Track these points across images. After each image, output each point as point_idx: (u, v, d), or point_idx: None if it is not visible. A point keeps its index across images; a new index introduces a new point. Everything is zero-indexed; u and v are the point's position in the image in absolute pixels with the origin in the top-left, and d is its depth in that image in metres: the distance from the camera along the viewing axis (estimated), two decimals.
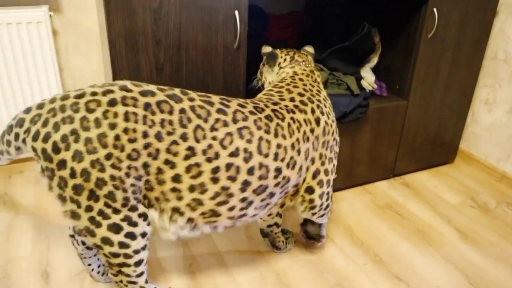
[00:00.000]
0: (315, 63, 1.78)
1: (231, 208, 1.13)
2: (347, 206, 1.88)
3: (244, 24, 1.42)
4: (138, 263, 1.09)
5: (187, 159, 1.02)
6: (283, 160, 1.15)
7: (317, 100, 1.29)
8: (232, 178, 1.08)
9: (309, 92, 1.30)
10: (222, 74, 1.47)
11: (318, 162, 1.28)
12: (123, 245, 1.04)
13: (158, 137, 0.99)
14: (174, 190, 1.05)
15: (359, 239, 1.67)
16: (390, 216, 1.83)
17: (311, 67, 1.44)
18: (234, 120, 1.08)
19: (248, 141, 1.09)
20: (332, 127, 1.31)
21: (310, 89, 1.32)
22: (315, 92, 1.32)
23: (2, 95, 1.84)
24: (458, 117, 2.13)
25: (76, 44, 1.97)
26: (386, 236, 1.70)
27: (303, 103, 1.25)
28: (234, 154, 1.07)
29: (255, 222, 1.72)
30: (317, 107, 1.27)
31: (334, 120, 1.34)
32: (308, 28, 2.14)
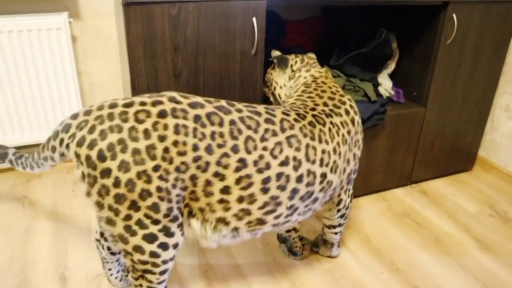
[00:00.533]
0: (332, 69, 1.77)
1: (278, 216, 1.13)
2: (363, 213, 1.86)
3: (261, 31, 1.42)
4: (163, 272, 1.08)
5: (238, 171, 1.01)
6: (327, 165, 1.16)
7: (347, 99, 1.30)
8: (281, 187, 1.08)
9: (337, 94, 1.31)
10: (239, 80, 1.47)
11: (352, 163, 1.29)
12: (154, 254, 1.03)
13: (209, 150, 0.98)
14: (221, 201, 1.04)
15: (376, 247, 1.65)
16: (407, 224, 1.80)
17: (325, 68, 1.45)
18: (282, 129, 1.08)
19: (297, 149, 1.09)
20: (361, 126, 1.32)
21: (336, 91, 1.32)
22: (342, 91, 1.34)
23: (23, 99, 1.87)
24: (477, 124, 2.09)
25: (94, 50, 1.99)
26: (403, 245, 1.67)
27: (336, 106, 1.26)
28: (284, 163, 1.07)
29: None
30: (350, 107, 1.28)
31: (360, 118, 1.36)
32: (325, 34, 2.14)
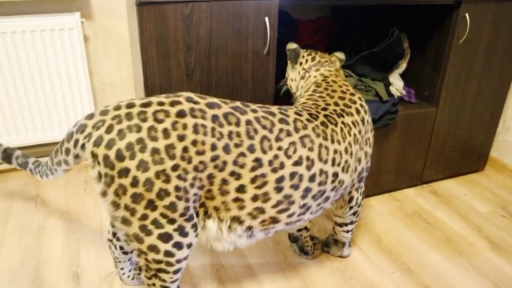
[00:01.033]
0: (344, 69, 1.77)
1: (291, 215, 1.14)
2: (374, 213, 1.85)
3: (274, 30, 1.42)
4: (177, 271, 1.09)
5: (253, 170, 1.02)
6: (339, 164, 1.17)
7: (358, 98, 1.30)
8: (295, 186, 1.09)
9: (348, 93, 1.31)
10: (252, 79, 1.48)
11: (363, 161, 1.29)
12: (168, 253, 1.03)
13: (226, 149, 0.99)
14: (237, 200, 1.05)
15: (387, 247, 1.65)
16: (418, 224, 1.79)
17: (336, 66, 1.44)
18: (295, 129, 1.09)
19: (310, 149, 1.10)
20: (371, 125, 1.32)
21: (347, 89, 1.33)
22: (352, 90, 1.33)
23: (36, 98, 1.89)
24: (489, 124, 2.08)
25: (106, 50, 2.01)
26: (415, 245, 1.67)
27: (347, 106, 1.26)
28: (298, 163, 1.08)
29: None
30: (360, 106, 1.28)
31: (370, 116, 1.36)
32: (336, 34, 2.13)
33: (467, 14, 1.70)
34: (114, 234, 1.29)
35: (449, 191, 2.06)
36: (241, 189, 1.03)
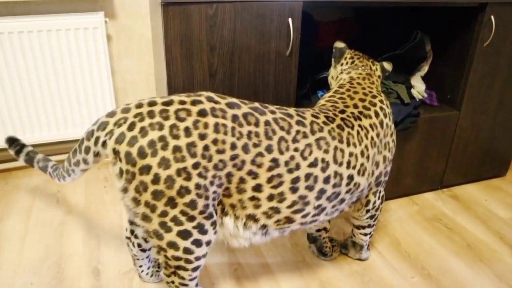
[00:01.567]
0: None
1: (305, 215, 1.15)
2: (393, 216, 1.84)
3: (297, 32, 1.42)
4: (196, 269, 1.10)
5: (270, 170, 1.04)
6: (354, 167, 1.18)
7: (379, 101, 1.30)
8: (310, 187, 1.10)
9: (369, 95, 1.30)
10: (274, 80, 1.48)
11: (381, 166, 1.28)
12: (187, 251, 1.05)
13: (245, 149, 1.01)
14: (253, 198, 1.07)
15: (406, 251, 1.63)
16: (438, 229, 1.77)
17: (368, 71, 1.43)
18: (312, 131, 1.11)
19: (325, 151, 1.11)
20: (391, 129, 1.31)
21: (369, 91, 1.32)
22: (375, 92, 1.33)
23: (59, 96, 1.92)
24: None
25: (128, 49, 2.03)
26: (435, 250, 1.65)
27: (366, 108, 1.26)
28: (313, 164, 1.09)
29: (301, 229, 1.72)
30: (380, 109, 1.28)
31: (393, 121, 1.35)
32: (357, 35, 2.12)
33: (492, 17, 1.67)
34: (132, 232, 1.31)
35: (470, 196, 2.03)
36: (257, 188, 1.05)
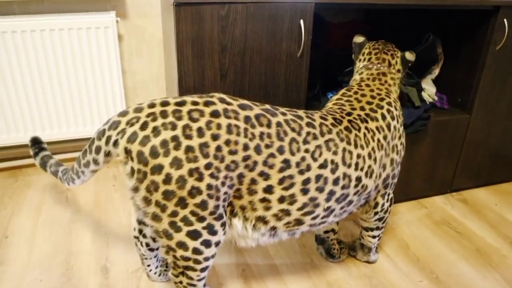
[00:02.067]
0: None
1: (315, 217, 1.15)
2: (402, 220, 1.83)
3: (308, 33, 1.42)
4: (204, 269, 1.10)
5: (282, 171, 1.04)
6: (362, 169, 1.18)
7: (386, 103, 1.29)
8: (320, 189, 1.11)
9: (377, 97, 1.29)
10: (284, 82, 1.48)
11: (389, 168, 1.28)
12: (196, 251, 1.05)
13: (257, 150, 1.01)
14: (263, 200, 1.07)
15: (415, 255, 1.62)
16: (447, 233, 1.76)
17: (383, 70, 1.40)
18: (321, 133, 1.11)
19: (334, 152, 1.12)
20: (399, 131, 1.30)
21: (378, 93, 1.31)
22: (384, 95, 1.31)
23: (70, 94, 1.93)
24: None
25: (138, 49, 2.04)
26: (443, 254, 1.64)
27: (373, 111, 1.25)
28: (323, 166, 1.10)
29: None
30: (387, 111, 1.27)
31: (402, 123, 1.33)
32: (368, 37, 2.11)
33: (505, 20, 1.66)
34: (141, 231, 1.31)
35: (479, 200, 2.01)
36: (268, 189, 1.05)
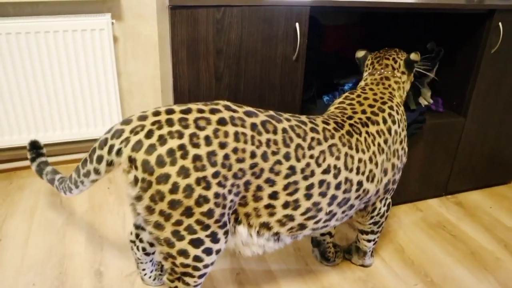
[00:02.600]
0: None
1: (317, 221, 1.16)
2: (397, 223, 1.83)
3: (304, 36, 1.42)
4: (202, 276, 1.09)
5: (287, 178, 1.04)
6: (363, 173, 1.18)
7: (388, 107, 1.28)
8: (323, 194, 1.11)
9: (379, 101, 1.29)
10: (279, 85, 1.48)
11: (390, 173, 1.28)
12: (197, 259, 1.04)
13: (264, 157, 1.01)
14: (268, 206, 1.06)
15: (410, 258, 1.62)
16: (442, 236, 1.76)
17: (386, 74, 1.40)
18: (325, 138, 1.11)
19: (337, 158, 1.12)
20: (400, 136, 1.30)
21: (380, 97, 1.31)
22: (387, 99, 1.31)
23: (64, 96, 1.92)
24: None
25: (134, 51, 2.03)
26: (438, 257, 1.64)
27: (375, 114, 1.25)
28: (327, 171, 1.10)
29: None
30: (388, 115, 1.26)
31: (404, 128, 1.33)
32: (363, 40, 2.12)
33: (500, 23, 1.67)
34: (137, 236, 1.30)
35: (474, 203, 2.02)
36: (274, 195, 1.05)
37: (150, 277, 1.39)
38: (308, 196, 1.08)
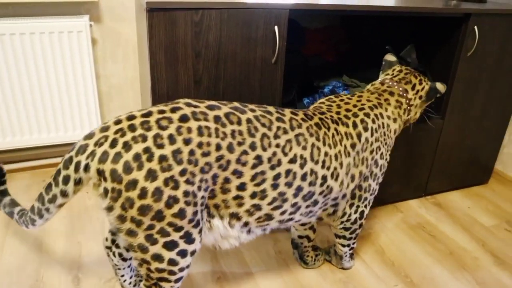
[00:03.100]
0: (351, 78, 1.76)
1: (283, 213, 1.16)
2: (378, 224, 1.84)
3: (283, 39, 1.42)
4: (178, 280, 1.08)
5: (254, 168, 1.05)
6: (328, 168, 1.18)
7: (363, 114, 1.27)
8: (289, 184, 1.11)
9: (358, 106, 1.29)
10: (259, 88, 1.47)
11: (356, 180, 1.28)
12: (172, 262, 1.03)
13: (230, 148, 1.01)
14: (236, 197, 1.07)
15: (390, 259, 1.64)
16: (421, 236, 1.78)
17: (393, 89, 1.38)
18: (291, 127, 1.11)
19: (304, 147, 1.12)
20: (372, 145, 1.28)
21: (362, 104, 1.30)
22: (367, 108, 1.29)
23: (41, 100, 1.89)
24: (494, 137, 2.07)
25: (113, 53, 2.01)
26: (418, 258, 1.65)
27: (347, 117, 1.25)
28: (293, 160, 1.10)
29: (284, 237, 1.71)
30: (360, 121, 1.26)
31: (380, 140, 1.30)
32: (344, 43, 2.13)
33: (475, 27, 1.70)
34: (113, 241, 1.28)
35: (453, 203, 2.04)
36: (241, 187, 1.05)
37: (130, 283, 1.37)
38: (274, 186, 1.09)
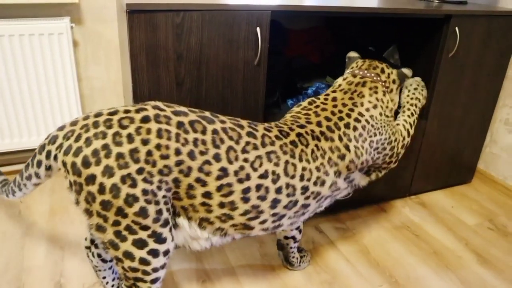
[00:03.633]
0: (335, 79, 1.77)
1: (263, 222, 1.15)
2: (362, 224, 1.85)
3: (265, 41, 1.42)
4: (154, 281, 1.08)
5: (219, 179, 1.04)
6: (309, 180, 1.17)
7: (344, 125, 1.25)
8: (262, 198, 1.11)
9: (337, 115, 1.27)
10: (242, 90, 1.47)
11: (361, 171, 1.32)
12: (143, 261, 1.03)
13: (191, 156, 1.01)
14: (204, 204, 1.06)
15: (375, 259, 1.64)
16: (406, 236, 1.80)
17: (368, 77, 1.37)
18: (263, 144, 1.11)
19: (276, 164, 1.11)
20: (364, 147, 1.27)
21: (340, 110, 1.28)
22: (345, 116, 1.27)
23: (22, 103, 1.86)
24: (477, 137, 2.10)
25: (95, 55, 1.99)
26: (402, 257, 1.67)
27: (330, 130, 1.23)
28: (264, 176, 1.09)
29: (270, 239, 1.71)
30: (343, 134, 1.24)
31: (374, 134, 1.29)
32: (328, 44, 2.14)
33: (457, 28, 1.71)
34: (92, 241, 1.28)
35: (437, 203, 2.06)
36: (207, 195, 1.05)
37: (112, 285, 1.36)
38: (245, 199, 1.08)
